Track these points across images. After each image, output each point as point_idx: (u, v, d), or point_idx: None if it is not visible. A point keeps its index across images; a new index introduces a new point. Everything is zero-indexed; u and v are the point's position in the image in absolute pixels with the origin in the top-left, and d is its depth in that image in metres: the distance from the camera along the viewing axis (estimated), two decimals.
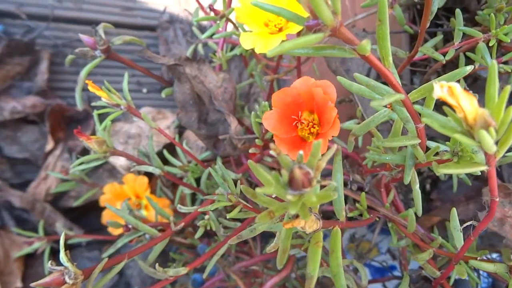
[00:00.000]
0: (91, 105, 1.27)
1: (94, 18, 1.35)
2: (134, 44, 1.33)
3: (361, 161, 0.91)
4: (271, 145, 0.35)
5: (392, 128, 0.62)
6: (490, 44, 0.67)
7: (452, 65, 0.92)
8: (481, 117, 0.39)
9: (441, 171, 0.43)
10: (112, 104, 0.76)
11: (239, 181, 0.63)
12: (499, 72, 0.77)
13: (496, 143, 0.41)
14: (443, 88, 0.40)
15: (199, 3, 1.14)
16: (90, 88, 0.75)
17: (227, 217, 0.67)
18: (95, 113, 0.78)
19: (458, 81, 0.80)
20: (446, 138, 0.56)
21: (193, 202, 1.06)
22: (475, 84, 0.92)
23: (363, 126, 0.58)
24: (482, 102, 0.88)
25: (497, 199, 0.48)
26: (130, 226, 0.84)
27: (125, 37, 0.81)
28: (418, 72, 1.02)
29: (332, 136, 0.56)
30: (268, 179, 0.39)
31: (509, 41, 0.65)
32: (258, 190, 0.35)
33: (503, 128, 0.40)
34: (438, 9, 0.81)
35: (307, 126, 0.61)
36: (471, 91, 0.80)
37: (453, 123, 0.42)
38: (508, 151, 0.77)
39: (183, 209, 0.80)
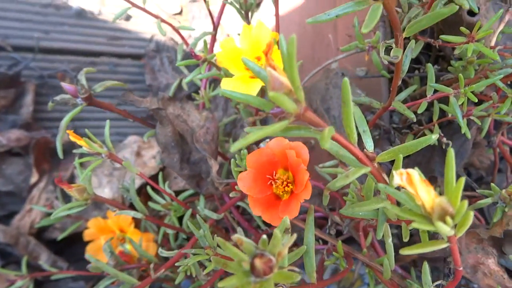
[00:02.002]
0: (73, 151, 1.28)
1: (80, 48, 1.36)
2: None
3: (341, 198, 0.92)
4: (233, 237, 0.37)
5: (365, 185, 0.64)
6: (459, 103, 0.69)
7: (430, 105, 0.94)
8: (438, 206, 0.40)
9: (405, 252, 0.45)
10: (93, 153, 0.77)
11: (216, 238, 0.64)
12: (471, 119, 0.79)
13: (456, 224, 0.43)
14: (402, 176, 0.41)
15: (182, 38, 1.16)
16: (71, 137, 0.76)
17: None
18: (76, 162, 0.79)
19: (432, 129, 0.82)
20: None
21: (176, 239, 1.06)
22: (450, 125, 0.94)
23: (338, 181, 0.59)
24: (456, 147, 0.89)
25: (461, 269, 0.50)
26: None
27: (107, 83, 0.82)
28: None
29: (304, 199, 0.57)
30: (236, 254, 0.40)
31: (476, 100, 0.67)
32: (220, 284, 0.37)
33: (460, 215, 0.41)
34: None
35: (282, 185, 0.62)
36: (445, 138, 0.83)
37: (414, 207, 0.43)
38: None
39: (164, 253, 0.81)
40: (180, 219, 1.00)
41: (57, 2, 1.32)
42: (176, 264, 0.72)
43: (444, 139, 0.82)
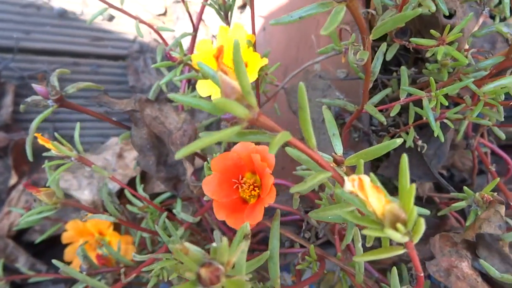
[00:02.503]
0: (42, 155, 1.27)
1: (62, 48, 1.35)
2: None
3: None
4: (177, 246, 0.36)
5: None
6: (431, 106, 0.68)
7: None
8: (389, 213, 0.40)
9: (358, 259, 0.44)
10: (62, 156, 0.76)
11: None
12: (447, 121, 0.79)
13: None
14: (354, 182, 0.41)
15: (162, 39, 1.15)
16: (39, 141, 0.75)
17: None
18: (46, 165, 0.78)
19: (407, 132, 0.81)
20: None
21: (158, 242, 1.06)
22: (428, 128, 0.93)
23: (296, 188, 0.58)
24: (433, 149, 0.89)
25: (422, 274, 0.49)
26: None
27: (79, 85, 0.81)
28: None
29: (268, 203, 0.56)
30: (186, 263, 0.40)
31: (447, 103, 0.67)
32: None
33: (411, 222, 0.40)
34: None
35: (248, 189, 0.61)
36: (421, 140, 0.82)
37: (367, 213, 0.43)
38: None
39: (137, 257, 0.80)
40: None
41: (38, 3, 1.31)
42: (143, 270, 0.71)
43: (419, 142, 0.82)
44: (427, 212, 0.81)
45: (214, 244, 0.39)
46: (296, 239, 0.81)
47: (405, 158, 0.41)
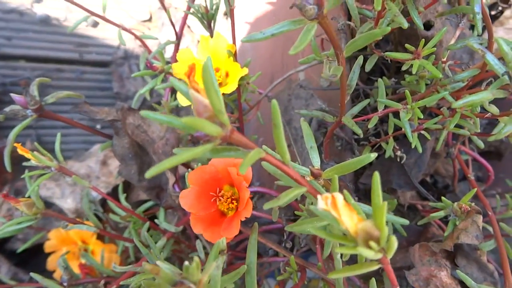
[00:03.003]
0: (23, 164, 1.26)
1: (45, 55, 1.34)
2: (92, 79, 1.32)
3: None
4: (147, 266, 0.36)
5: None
6: (406, 118, 0.69)
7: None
8: (362, 231, 0.40)
9: (332, 276, 0.44)
10: (42, 166, 0.75)
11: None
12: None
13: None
14: (327, 200, 0.41)
15: (146, 46, 1.14)
16: (19, 151, 0.74)
17: None
18: (26, 175, 0.77)
19: (387, 142, 0.82)
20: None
21: (138, 251, 1.05)
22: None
23: (268, 204, 0.57)
24: (413, 158, 0.89)
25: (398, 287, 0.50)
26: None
27: (59, 94, 0.81)
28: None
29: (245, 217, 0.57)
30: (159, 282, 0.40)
31: (422, 116, 0.68)
32: None
33: (384, 240, 0.40)
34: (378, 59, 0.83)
35: (226, 201, 0.61)
36: (402, 150, 0.83)
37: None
38: None
39: (117, 268, 0.80)
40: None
41: (21, 8, 1.30)
42: (121, 283, 0.71)
43: (399, 152, 0.83)
44: (406, 222, 0.81)
45: (186, 263, 0.39)
46: (278, 249, 0.81)
47: (377, 176, 0.42)
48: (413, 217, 1.16)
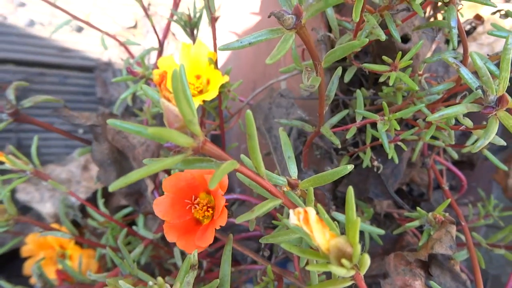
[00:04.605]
0: None
1: (28, 59, 1.33)
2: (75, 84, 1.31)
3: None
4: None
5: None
6: (383, 130, 0.70)
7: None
8: (335, 248, 0.40)
9: None
10: (17, 170, 0.75)
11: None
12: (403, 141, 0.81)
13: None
14: (300, 215, 0.40)
15: (129, 52, 1.15)
16: None
17: None
18: None
19: (365, 152, 0.83)
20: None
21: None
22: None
23: (241, 218, 0.57)
24: (390, 168, 0.90)
25: None
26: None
27: (37, 98, 0.80)
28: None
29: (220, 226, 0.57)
30: None
31: (399, 128, 0.69)
32: None
33: (357, 257, 0.40)
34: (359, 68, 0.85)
35: (202, 209, 0.62)
36: (379, 159, 0.84)
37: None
38: None
39: (92, 276, 0.79)
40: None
41: (5, 12, 1.29)
42: None
43: (376, 162, 0.84)
44: (381, 232, 0.83)
45: (150, 283, 0.39)
46: (255, 257, 0.82)
47: (351, 190, 0.42)
48: (390, 224, 1.17)
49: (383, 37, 0.62)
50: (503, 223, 1.12)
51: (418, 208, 0.78)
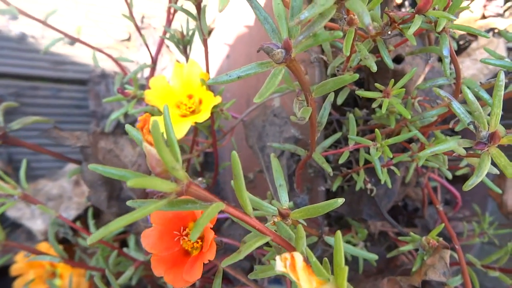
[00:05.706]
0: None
1: (20, 72, 1.32)
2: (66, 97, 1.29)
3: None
4: None
5: None
6: (376, 156, 0.69)
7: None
8: None
9: None
10: (4, 195, 0.74)
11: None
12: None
13: None
14: (286, 261, 0.39)
15: (121, 68, 1.13)
16: None
17: None
18: None
19: (358, 173, 0.82)
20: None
21: (104, 277, 1.03)
22: None
23: (230, 259, 0.56)
24: (383, 189, 0.89)
25: None
26: None
27: (27, 120, 0.79)
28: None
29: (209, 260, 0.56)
30: None
31: (391, 156, 0.68)
32: None
33: None
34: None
35: (190, 240, 0.60)
36: (372, 180, 0.83)
37: None
38: None
39: None
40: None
41: None
42: None
43: (369, 185, 0.83)
44: (375, 257, 0.82)
45: None
46: (246, 281, 0.81)
47: (339, 234, 0.41)
48: (384, 242, 1.17)
49: (374, 68, 0.61)
50: (498, 241, 1.12)
51: (411, 233, 0.77)
